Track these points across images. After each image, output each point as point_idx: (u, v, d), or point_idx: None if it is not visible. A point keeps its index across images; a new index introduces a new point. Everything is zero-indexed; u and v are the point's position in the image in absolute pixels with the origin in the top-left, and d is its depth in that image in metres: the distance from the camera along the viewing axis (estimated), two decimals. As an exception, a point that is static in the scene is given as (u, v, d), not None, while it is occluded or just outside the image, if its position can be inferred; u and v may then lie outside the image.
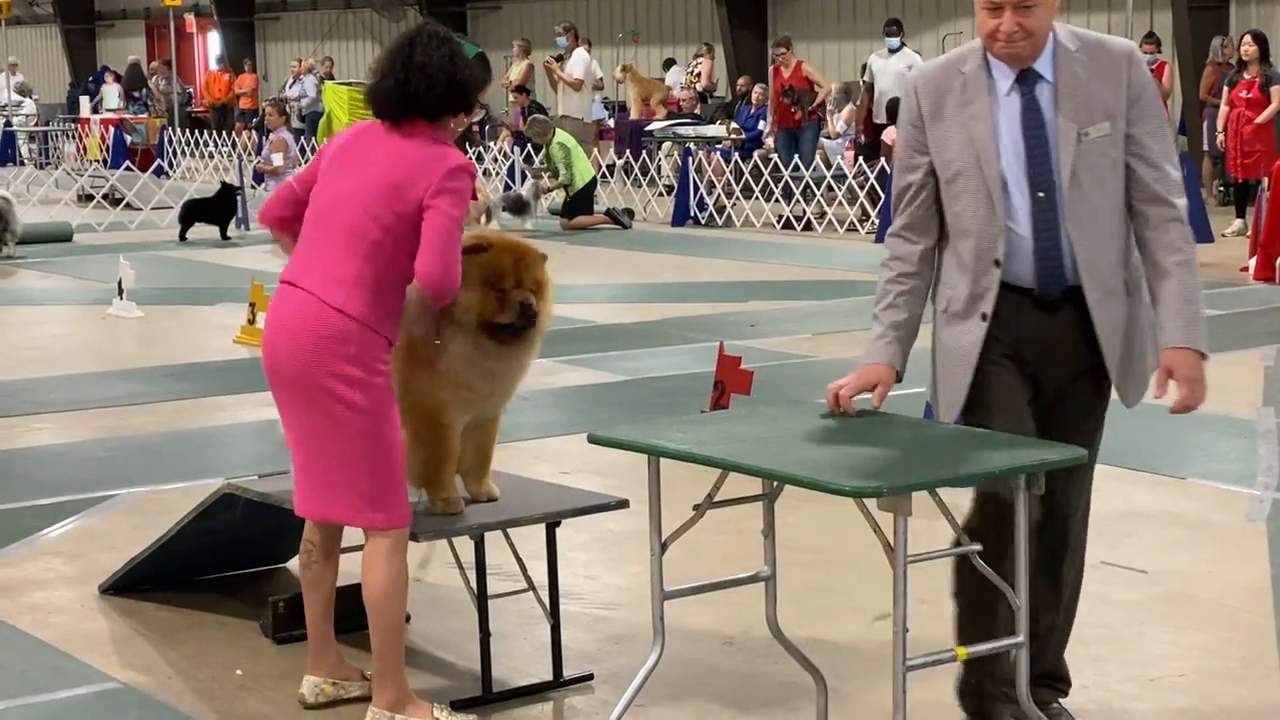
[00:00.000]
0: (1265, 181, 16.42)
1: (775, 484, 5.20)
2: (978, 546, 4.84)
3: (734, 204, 21.59)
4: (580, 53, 24.84)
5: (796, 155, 21.51)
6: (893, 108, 21.34)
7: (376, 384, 5.38)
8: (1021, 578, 4.79)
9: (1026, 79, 4.96)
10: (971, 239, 5.01)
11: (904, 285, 5.16)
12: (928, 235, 5.17)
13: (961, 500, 5.26)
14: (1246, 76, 19.09)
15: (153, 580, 6.96)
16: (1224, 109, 19.49)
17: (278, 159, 22.05)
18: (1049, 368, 5.09)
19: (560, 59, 24.79)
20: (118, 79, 35.70)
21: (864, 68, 23.22)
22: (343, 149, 5.61)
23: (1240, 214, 19.05)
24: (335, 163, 5.56)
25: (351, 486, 5.43)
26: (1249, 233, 17.13)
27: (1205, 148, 21.21)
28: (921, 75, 5.20)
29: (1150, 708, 5.78)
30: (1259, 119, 18.89)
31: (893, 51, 22.21)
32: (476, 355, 5.73)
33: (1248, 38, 19.61)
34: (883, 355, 5.15)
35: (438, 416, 5.78)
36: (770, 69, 23.31)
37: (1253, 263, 15.96)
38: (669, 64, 28.99)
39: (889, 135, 20.73)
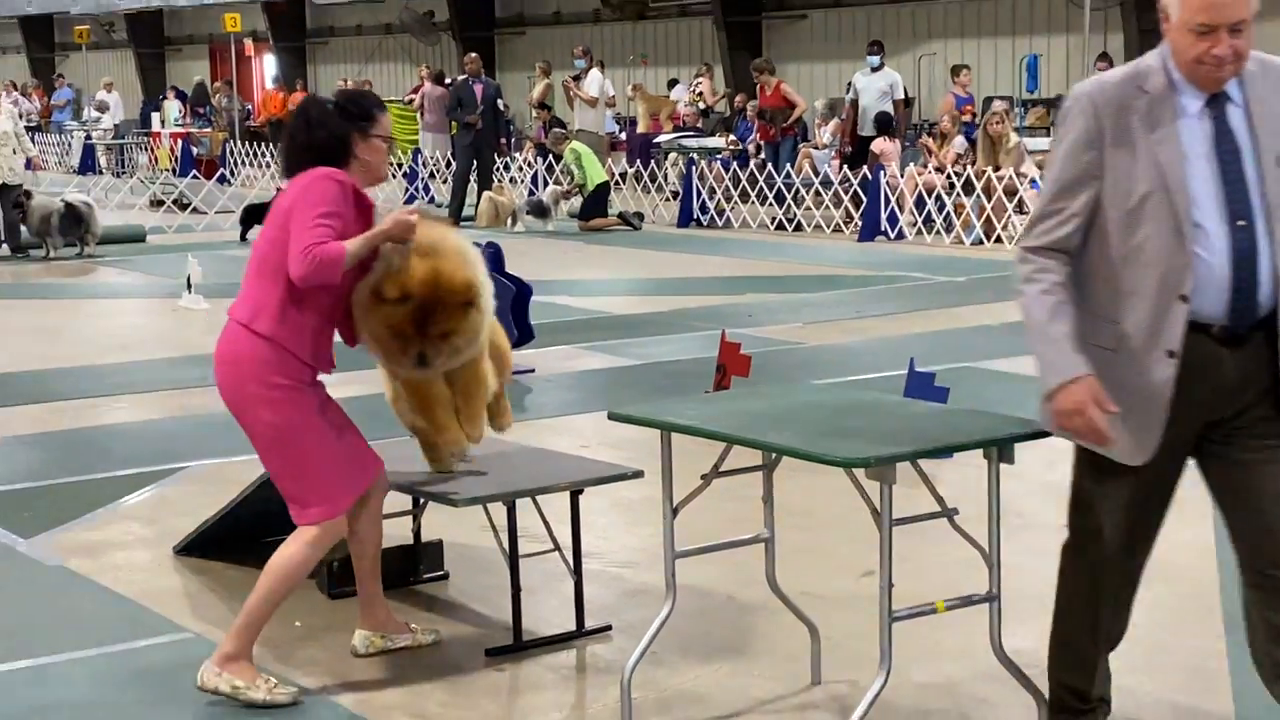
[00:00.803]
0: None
1: (773, 455, 5.20)
2: (956, 510, 4.83)
3: (732, 207, 21.58)
4: (595, 73, 24.85)
5: (774, 165, 21.50)
6: (882, 120, 21.32)
7: (279, 397, 5.37)
8: (993, 540, 4.79)
9: (1217, 101, 4.24)
10: (1154, 270, 4.19)
11: (1060, 296, 4.27)
12: (1069, 256, 4.32)
13: (939, 470, 5.26)
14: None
15: (220, 542, 6.95)
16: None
17: (325, 168, 21.99)
18: (1224, 402, 4.34)
19: (577, 79, 24.79)
20: (180, 96, 35.69)
21: (849, 85, 23.19)
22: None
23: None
24: None
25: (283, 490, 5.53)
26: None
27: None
28: (1100, 92, 4.31)
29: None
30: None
31: (874, 70, 22.20)
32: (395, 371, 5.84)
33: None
34: (1082, 365, 4.22)
35: (412, 379, 5.82)
36: (757, 88, 23.29)
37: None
38: (673, 83, 28.95)
39: (878, 147, 20.76)
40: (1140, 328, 4.24)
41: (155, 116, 34.41)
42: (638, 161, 26.03)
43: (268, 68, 40.57)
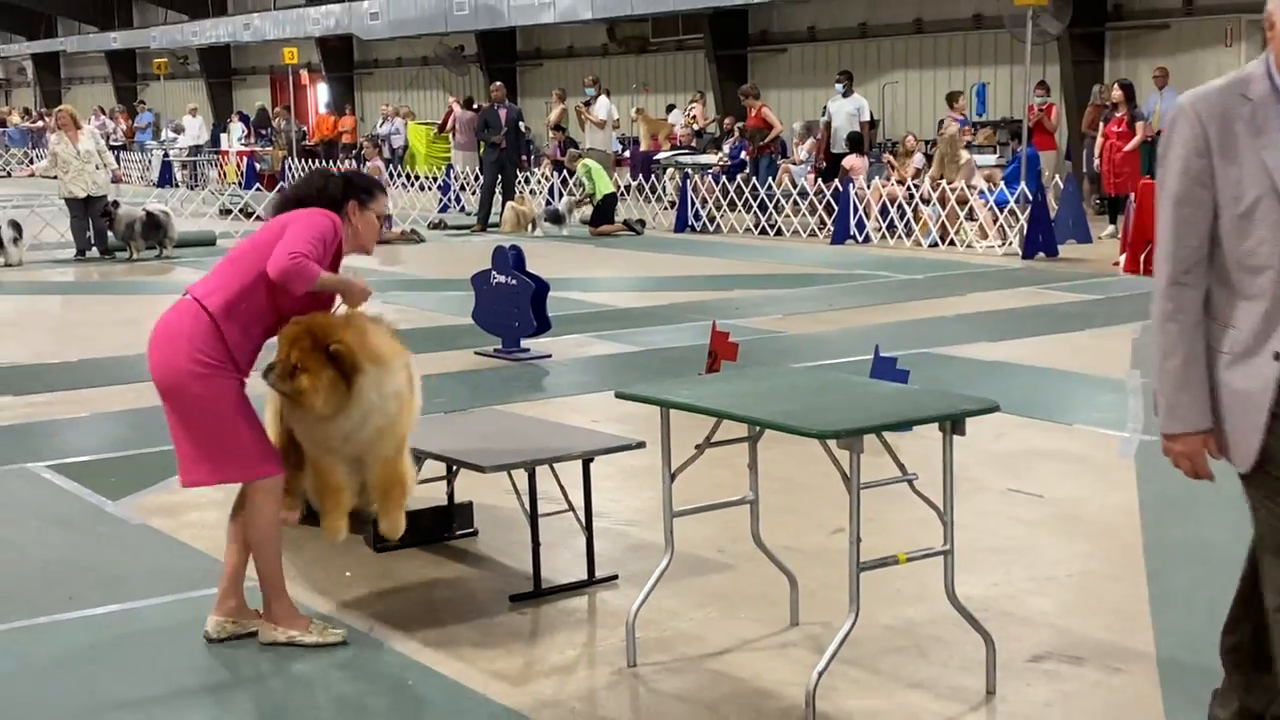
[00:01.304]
0: (1132, 196, 16.39)
1: (758, 429, 5.20)
2: (915, 475, 4.84)
3: (721, 215, 21.54)
4: (603, 99, 24.87)
5: (756, 178, 21.48)
6: (853, 139, 21.40)
7: (208, 373, 5.15)
8: (947, 501, 4.80)
9: None
10: (1267, 274, 3.75)
11: (1196, 339, 3.86)
12: (1203, 278, 3.87)
13: (900, 441, 5.26)
14: (1118, 115, 19.07)
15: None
16: (1100, 140, 19.47)
17: (368, 179, 21.98)
18: None
19: (588, 104, 24.79)
20: (243, 119, 35.63)
21: (824, 109, 23.23)
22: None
23: (1113, 221, 19.01)
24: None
25: (211, 453, 5.24)
26: (1119, 235, 17.10)
27: (1084, 170, 21.15)
28: (1203, 102, 3.83)
29: (1046, 601, 5.79)
30: (1127, 148, 18.86)
31: (845, 96, 22.35)
32: (295, 415, 5.39)
33: (1116, 86, 19.62)
34: (1207, 418, 3.85)
35: (313, 455, 5.46)
36: (746, 109, 23.29)
37: (1123, 259, 15.92)
38: (670, 108, 28.92)
39: (848, 162, 20.80)
40: (1252, 331, 3.81)
41: (223, 136, 34.41)
42: (640, 175, 26.07)
43: (320, 95, 40.54)
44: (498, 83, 24.90)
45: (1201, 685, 4.92)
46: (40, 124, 45.25)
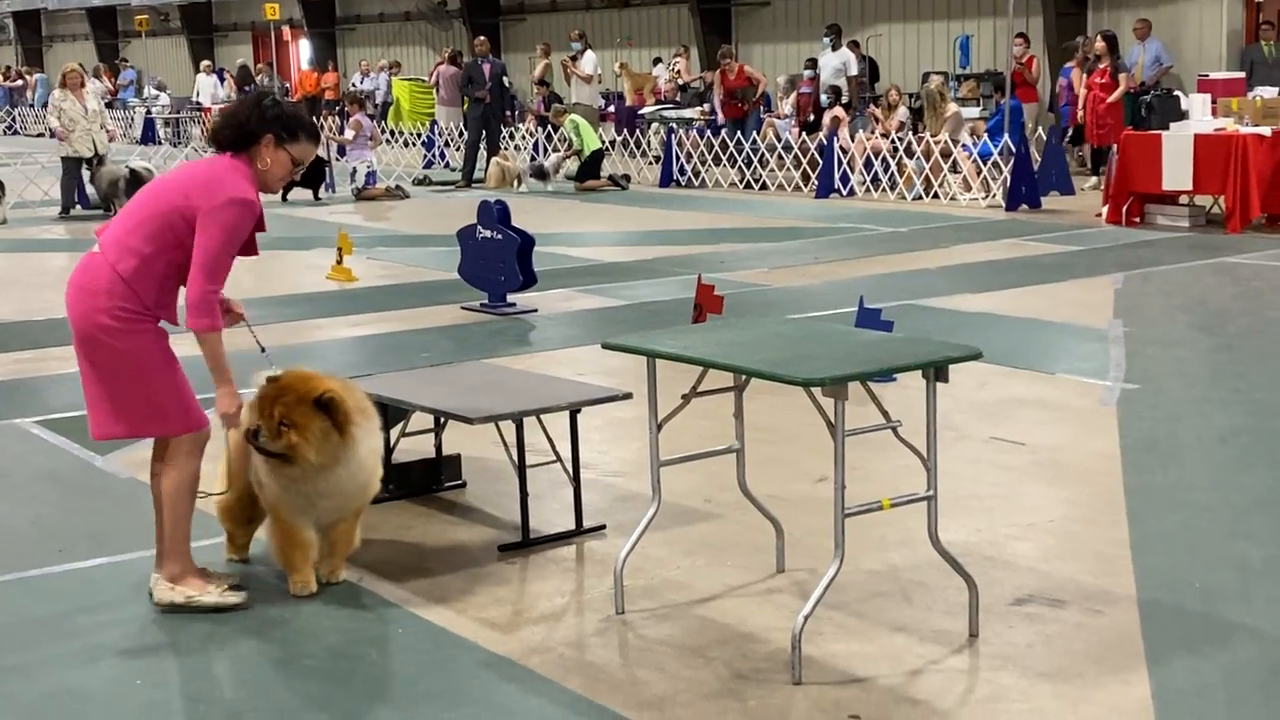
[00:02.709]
0: (1115, 148, 16.41)
1: (743, 378, 5.22)
2: (899, 423, 4.87)
3: (706, 170, 21.53)
4: (590, 54, 24.76)
5: (741, 134, 21.42)
6: (834, 92, 21.42)
7: (128, 328, 5.08)
8: (931, 448, 4.83)
9: None
10: None
11: None
12: None
13: (884, 389, 5.30)
14: (1101, 66, 19.05)
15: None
16: (1083, 92, 19.45)
17: (349, 134, 21.87)
18: None
19: (575, 58, 24.68)
20: (218, 76, 35.39)
21: (813, 61, 23.25)
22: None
23: (1095, 173, 19.04)
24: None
25: (130, 408, 5.16)
26: (1102, 187, 17.12)
27: (1066, 123, 21.15)
28: None
29: (1028, 546, 5.84)
30: (1110, 99, 18.87)
31: (833, 50, 22.46)
32: (272, 474, 5.33)
33: (1099, 37, 19.60)
34: None
35: (279, 514, 5.41)
36: (718, 72, 23.19)
37: (1105, 210, 15.96)
38: (656, 62, 28.83)
39: (829, 118, 20.77)
40: None
41: (193, 94, 34.35)
42: (624, 130, 26.00)
43: (303, 51, 40.29)
44: (481, 37, 24.77)
45: (1182, 626, 4.99)
46: (20, 82, 45.01)
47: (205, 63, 36.56)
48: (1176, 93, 19.20)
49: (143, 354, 5.11)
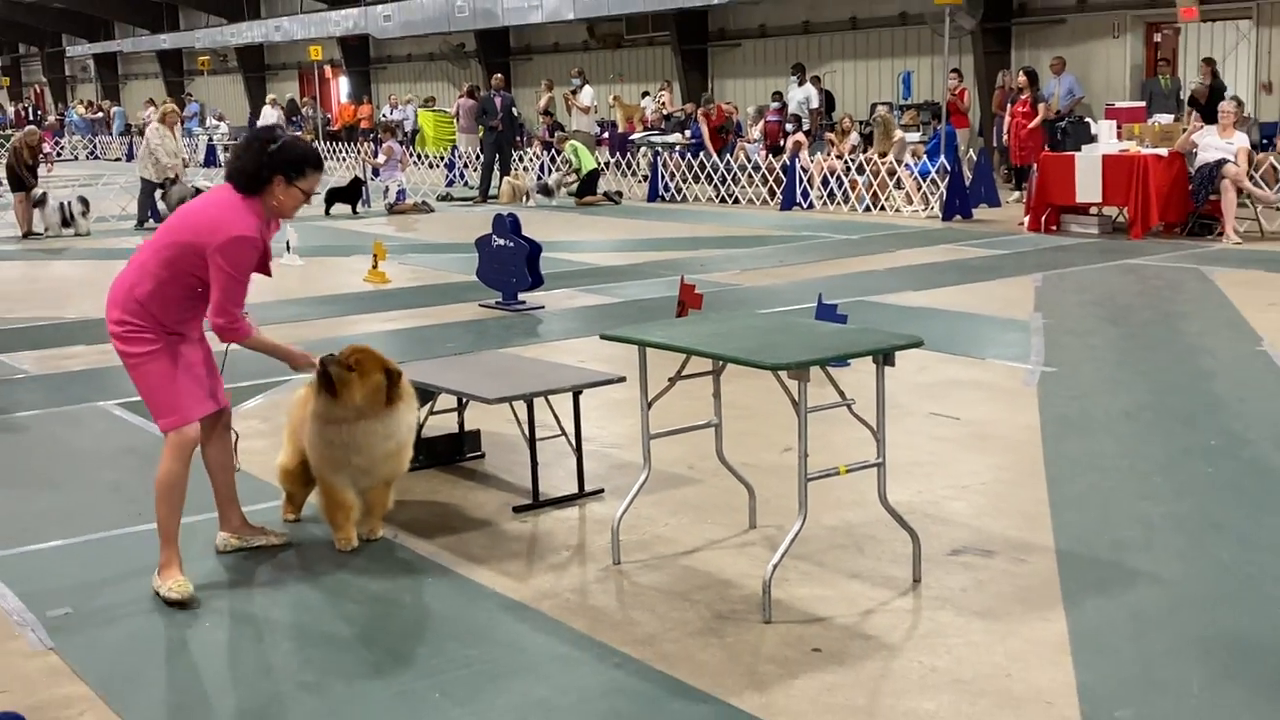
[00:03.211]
0: (1035, 166, 16.41)
1: (720, 363, 5.23)
2: (853, 401, 4.88)
3: (687, 187, 21.49)
4: (587, 88, 24.70)
5: (717, 156, 21.40)
6: (795, 121, 21.41)
7: (131, 335, 4.99)
8: (880, 422, 4.84)
9: None
10: None
11: None
12: None
13: (840, 372, 5.29)
14: (1023, 97, 19.06)
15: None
16: (1008, 119, 19.46)
17: (382, 158, 21.80)
18: None
19: (574, 92, 24.62)
20: (275, 105, 35.28)
21: (777, 94, 23.30)
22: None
23: (1018, 188, 19.04)
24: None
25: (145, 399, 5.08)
26: (1024, 200, 17.13)
27: (994, 144, 21.15)
28: None
29: (962, 505, 5.85)
30: (1030, 125, 18.87)
31: (799, 85, 22.48)
32: (327, 443, 5.34)
33: (1021, 72, 19.61)
34: None
35: (324, 477, 5.41)
36: (700, 112, 23.10)
37: (1027, 219, 15.97)
38: (644, 95, 28.75)
39: (791, 142, 20.75)
40: None
41: (258, 122, 34.17)
42: (617, 153, 25.92)
43: (342, 87, 40.19)
44: (498, 75, 24.71)
45: (1093, 572, 5.01)
46: (100, 114, 44.84)
47: (271, 97, 36.36)
48: (1087, 120, 19.20)
49: (142, 357, 4.99)
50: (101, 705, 4.20)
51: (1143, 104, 19.19)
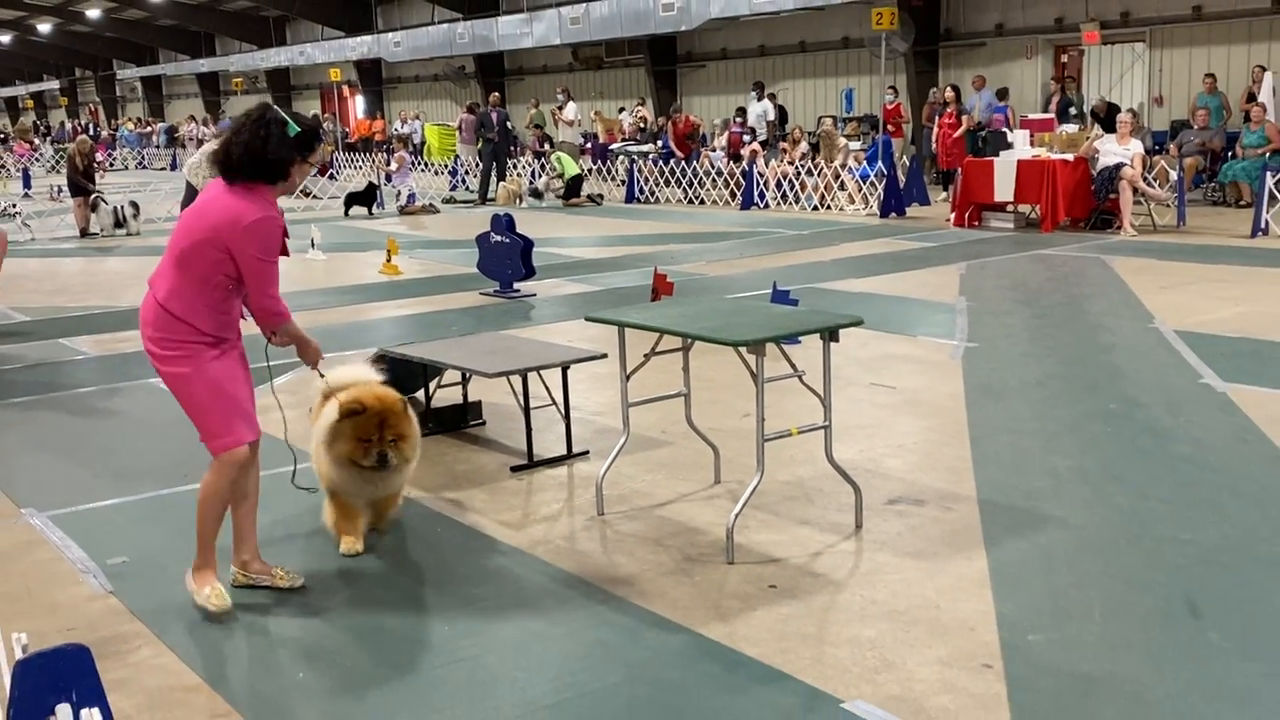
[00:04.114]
0: (959, 170, 16.44)
1: (689, 341, 5.23)
2: (804, 372, 4.89)
3: (659, 190, 21.45)
4: (572, 104, 24.59)
5: (686, 163, 21.37)
6: (752, 132, 21.37)
7: (174, 355, 4.27)
8: (826, 390, 4.85)
9: None
10: None
11: None
12: None
13: (793, 348, 5.29)
14: (948, 110, 19.08)
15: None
16: (936, 129, 19.48)
17: (394, 165, 21.69)
18: None
19: (561, 108, 24.50)
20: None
21: (740, 110, 23.25)
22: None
23: (945, 189, 19.07)
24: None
25: (192, 417, 4.39)
26: (950, 199, 17.16)
27: (924, 151, 21.17)
28: None
29: (898, 462, 5.87)
30: (955, 135, 18.89)
31: (759, 100, 22.42)
32: (353, 479, 4.75)
33: (949, 88, 19.62)
34: None
35: (340, 494, 4.87)
36: (669, 122, 23.04)
37: (952, 216, 16.00)
38: (621, 110, 28.66)
39: (749, 150, 20.72)
40: None
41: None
42: (598, 161, 25.88)
43: (358, 104, 39.92)
44: (495, 93, 24.58)
45: (1010, 518, 5.04)
46: (148, 129, 44.43)
47: (314, 113, 36.11)
48: (1004, 130, 19.25)
49: (185, 377, 4.29)
50: (155, 640, 4.20)
51: (1052, 116, 19.22)
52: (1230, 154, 16.58)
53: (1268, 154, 15.82)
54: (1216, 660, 3.74)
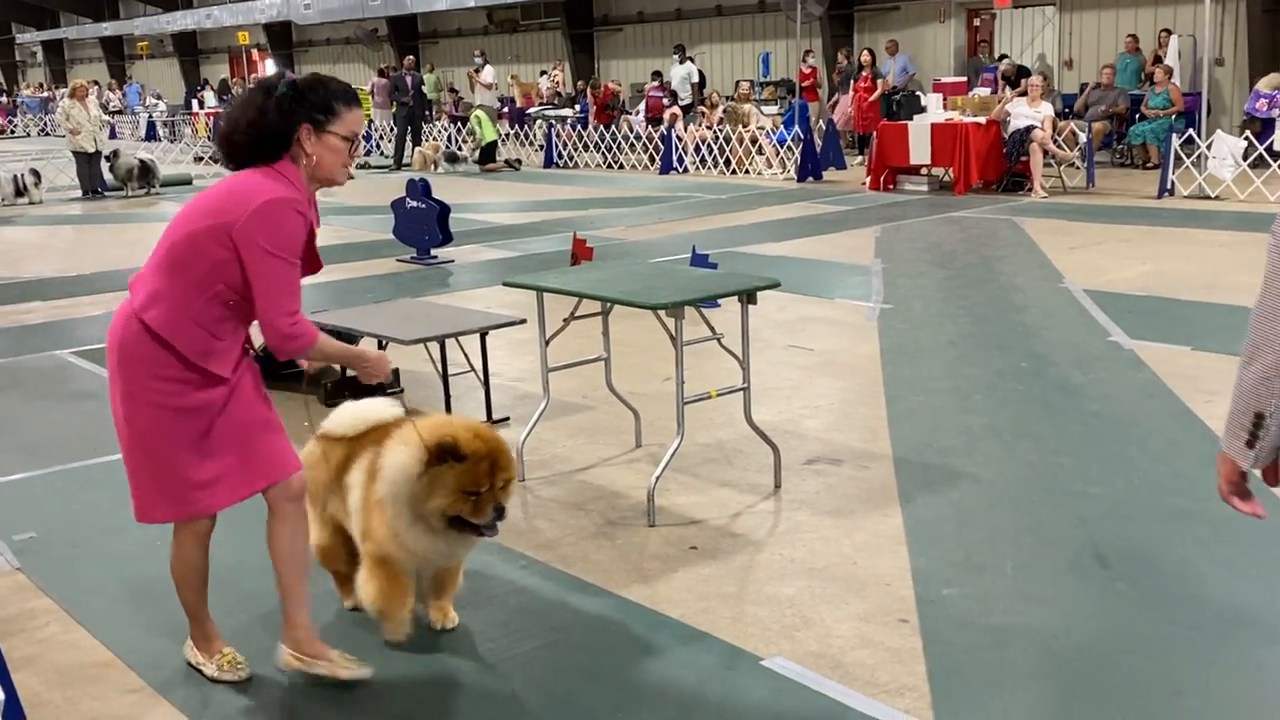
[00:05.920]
0: (875, 134, 16.56)
1: (608, 305, 5.23)
2: (722, 335, 4.91)
3: (578, 155, 21.33)
4: (489, 67, 24.31)
5: (605, 129, 21.29)
6: (671, 96, 21.32)
7: (149, 397, 3.29)
8: (745, 352, 4.87)
9: None
10: None
11: None
12: None
13: (711, 312, 5.30)
14: (864, 74, 19.19)
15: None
16: (851, 93, 19.60)
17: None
18: None
19: (478, 70, 24.21)
20: (208, 87, 34.17)
21: (657, 73, 23.12)
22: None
23: (861, 152, 19.21)
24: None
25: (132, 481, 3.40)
26: (865, 163, 17.29)
27: (834, 117, 21.29)
28: None
29: (816, 422, 5.92)
30: (870, 99, 19.02)
31: (680, 64, 22.35)
32: (433, 543, 3.52)
33: (864, 52, 19.73)
34: None
35: (390, 564, 3.54)
36: (589, 91, 22.89)
37: (868, 180, 16.14)
38: (542, 73, 28.42)
39: (668, 115, 20.68)
40: None
41: (194, 102, 33.09)
42: (516, 125, 25.64)
43: (268, 68, 39.05)
44: (410, 57, 24.21)
45: (924, 475, 5.12)
46: (48, 94, 43.07)
47: (210, 80, 35.19)
48: (918, 93, 19.42)
49: (144, 428, 3.33)
50: (65, 616, 4.10)
51: (965, 80, 19.44)
52: (1137, 115, 16.93)
53: (1173, 115, 16.18)
54: (1124, 610, 3.84)
